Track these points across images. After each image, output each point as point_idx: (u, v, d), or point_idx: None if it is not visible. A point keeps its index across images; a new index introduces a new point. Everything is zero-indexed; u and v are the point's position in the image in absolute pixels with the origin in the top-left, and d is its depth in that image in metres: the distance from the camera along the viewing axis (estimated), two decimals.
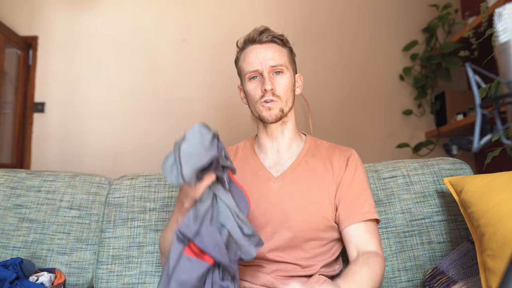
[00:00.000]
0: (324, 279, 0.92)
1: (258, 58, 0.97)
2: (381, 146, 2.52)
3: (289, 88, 0.99)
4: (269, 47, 0.98)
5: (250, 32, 1.00)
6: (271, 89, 0.95)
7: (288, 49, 1.02)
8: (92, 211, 1.23)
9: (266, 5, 2.65)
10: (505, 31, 0.41)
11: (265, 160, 1.03)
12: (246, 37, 1.00)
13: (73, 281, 1.17)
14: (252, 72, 0.97)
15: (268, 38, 0.98)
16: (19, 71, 2.63)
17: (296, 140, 1.05)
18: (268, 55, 0.96)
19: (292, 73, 1.01)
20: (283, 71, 0.97)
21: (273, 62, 0.96)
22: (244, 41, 1.01)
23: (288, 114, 1.01)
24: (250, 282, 0.91)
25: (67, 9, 2.70)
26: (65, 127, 2.60)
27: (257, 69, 0.96)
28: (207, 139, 0.69)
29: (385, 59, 2.59)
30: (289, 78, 0.98)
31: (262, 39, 0.97)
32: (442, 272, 1.00)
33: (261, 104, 0.97)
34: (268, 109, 0.96)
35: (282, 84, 0.97)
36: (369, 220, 0.94)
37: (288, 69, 0.99)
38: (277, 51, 0.98)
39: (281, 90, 0.96)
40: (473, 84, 0.41)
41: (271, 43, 0.98)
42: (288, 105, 0.99)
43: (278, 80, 0.97)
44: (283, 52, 0.99)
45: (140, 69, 2.63)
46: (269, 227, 0.93)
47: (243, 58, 1.00)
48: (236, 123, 2.50)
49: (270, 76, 0.96)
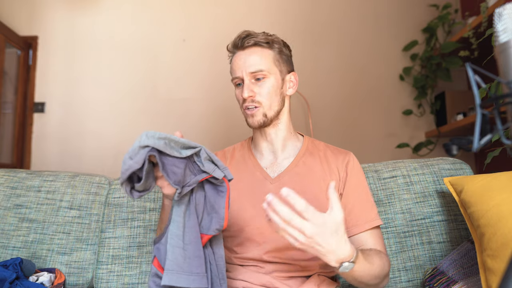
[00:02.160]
0: (324, 279, 0.92)
1: (239, 64, 0.98)
2: (381, 146, 2.52)
3: (272, 92, 0.98)
4: (252, 53, 0.97)
5: (234, 37, 1.00)
6: (249, 96, 0.96)
7: (276, 49, 1.00)
8: (92, 211, 1.23)
9: (266, 5, 2.65)
10: (505, 31, 0.41)
11: (261, 161, 1.03)
12: (231, 42, 1.01)
13: (73, 281, 1.17)
14: (236, 79, 1.00)
15: (250, 43, 0.97)
16: (19, 71, 2.63)
17: (291, 141, 1.05)
18: (249, 61, 0.97)
19: (279, 75, 1.00)
20: (265, 76, 0.97)
21: (252, 68, 0.96)
22: (231, 47, 1.02)
23: (279, 116, 1.01)
24: (249, 282, 0.91)
25: (67, 9, 2.70)
26: (65, 127, 2.60)
27: (238, 76, 0.98)
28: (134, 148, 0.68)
29: (385, 59, 2.59)
30: (272, 82, 0.98)
31: (244, 44, 0.98)
32: (442, 272, 1.00)
33: (244, 111, 1.00)
34: (251, 116, 0.98)
35: (263, 89, 0.97)
36: (376, 227, 0.95)
37: (272, 72, 0.98)
38: (259, 55, 0.97)
39: (262, 96, 0.97)
40: (473, 84, 0.41)
41: (254, 47, 0.98)
42: (273, 109, 0.98)
43: (260, 86, 0.97)
44: (267, 55, 0.98)
45: (140, 69, 2.63)
46: (265, 228, 0.93)
47: (231, 64, 1.02)
48: (235, 123, 2.49)
49: (252, 83, 0.97)
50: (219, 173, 0.73)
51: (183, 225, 0.74)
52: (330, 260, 0.73)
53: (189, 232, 0.73)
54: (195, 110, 2.59)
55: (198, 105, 2.59)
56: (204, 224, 0.76)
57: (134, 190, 0.72)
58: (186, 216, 0.74)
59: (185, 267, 0.70)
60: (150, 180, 0.72)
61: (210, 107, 2.59)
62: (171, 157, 0.69)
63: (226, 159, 1.07)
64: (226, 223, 0.74)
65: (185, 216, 0.74)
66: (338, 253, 0.72)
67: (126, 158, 0.67)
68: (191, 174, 0.73)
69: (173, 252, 0.71)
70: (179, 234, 0.72)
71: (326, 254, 0.72)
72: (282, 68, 1.01)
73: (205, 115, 2.58)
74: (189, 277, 0.69)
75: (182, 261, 0.70)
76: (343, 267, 0.74)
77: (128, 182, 0.70)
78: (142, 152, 0.67)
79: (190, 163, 0.73)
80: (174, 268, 0.69)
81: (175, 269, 0.69)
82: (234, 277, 0.93)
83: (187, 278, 0.69)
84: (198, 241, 0.73)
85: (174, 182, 0.70)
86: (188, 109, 2.59)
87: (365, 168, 1.22)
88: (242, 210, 0.95)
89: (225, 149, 1.12)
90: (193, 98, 2.60)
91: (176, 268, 0.69)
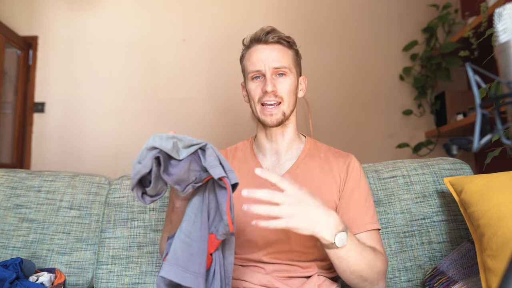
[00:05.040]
0: (324, 279, 0.92)
1: (262, 58, 0.96)
2: (381, 146, 2.52)
3: (292, 90, 0.98)
4: (274, 48, 0.97)
5: (257, 31, 0.99)
6: (272, 91, 0.94)
7: (294, 51, 1.01)
8: (92, 211, 1.23)
9: (266, 5, 2.65)
10: (505, 31, 0.41)
11: (263, 161, 1.02)
12: (252, 35, 1.00)
13: (73, 281, 1.17)
14: (255, 72, 0.97)
15: (274, 39, 0.97)
16: (19, 71, 2.63)
17: (296, 142, 1.04)
18: (272, 56, 0.96)
19: (296, 75, 1.00)
20: (286, 73, 0.97)
21: (277, 64, 0.95)
22: (250, 40, 1.00)
23: (289, 117, 1.00)
24: (249, 282, 0.91)
25: (67, 9, 2.70)
26: (65, 127, 2.60)
27: (260, 70, 0.96)
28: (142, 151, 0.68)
29: (385, 59, 2.59)
30: (292, 80, 0.98)
31: (268, 39, 0.97)
32: (442, 272, 1.00)
33: (261, 107, 0.97)
34: (270, 114, 0.96)
35: (284, 86, 0.96)
36: (372, 230, 0.93)
37: (292, 71, 0.98)
38: (281, 52, 0.97)
39: (283, 92, 0.96)
40: (473, 84, 0.41)
41: (277, 44, 0.98)
42: (290, 108, 0.98)
43: (281, 82, 0.96)
44: (288, 54, 0.98)
45: (140, 69, 2.63)
46: (266, 231, 0.93)
47: (248, 56, 1.00)
48: (236, 123, 2.49)
49: (273, 78, 0.96)
50: (217, 171, 0.69)
51: (193, 221, 0.72)
52: (324, 230, 0.74)
53: (198, 230, 0.72)
54: (195, 110, 2.59)
55: (198, 105, 2.59)
56: (215, 225, 0.74)
57: (145, 195, 0.71)
58: (198, 213, 0.73)
59: (182, 262, 0.68)
60: (161, 183, 0.70)
61: (211, 107, 2.59)
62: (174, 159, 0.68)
63: (228, 158, 1.06)
64: (232, 227, 0.71)
65: (197, 212, 0.73)
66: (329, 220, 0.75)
67: (135, 162, 0.67)
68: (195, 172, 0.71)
69: (176, 245, 0.70)
70: (188, 229, 0.71)
71: (318, 222, 0.74)
72: (297, 69, 1.02)
73: (206, 115, 2.58)
74: (183, 273, 0.68)
75: (181, 255, 0.69)
76: (338, 238, 0.75)
77: (139, 187, 0.69)
78: (150, 155, 0.66)
79: (195, 161, 0.71)
80: (171, 261, 0.68)
81: (172, 262, 0.68)
82: (234, 277, 0.93)
83: (181, 273, 0.68)
84: (204, 240, 0.72)
85: (175, 182, 0.69)
86: (189, 109, 2.59)
87: (365, 168, 1.22)
88: (243, 212, 0.95)
89: (228, 148, 1.11)
90: (194, 98, 2.60)
91: (173, 261, 0.68)
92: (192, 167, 0.70)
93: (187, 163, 0.69)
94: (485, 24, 1.78)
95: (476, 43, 1.94)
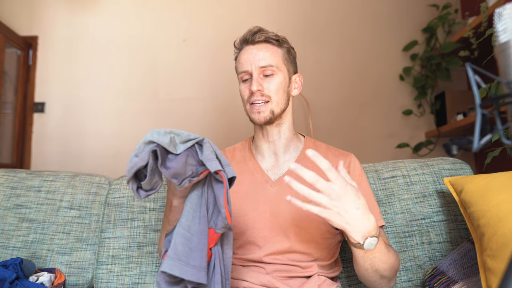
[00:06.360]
0: (324, 279, 0.92)
1: (249, 58, 0.96)
2: (381, 146, 2.52)
3: (281, 88, 0.97)
4: (262, 48, 0.97)
5: (245, 32, 1.00)
6: (258, 90, 0.94)
7: (285, 49, 1.00)
8: (92, 211, 1.23)
9: (266, 5, 2.65)
10: (505, 31, 0.41)
11: (262, 162, 1.02)
12: (241, 37, 1.00)
13: (73, 281, 1.17)
14: (243, 72, 0.98)
15: (261, 39, 0.97)
16: (19, 71, 2.63)
17: (293, 142, 1.04)
18: (259, 55, 0.96)
19: (287, 73, 1.00)
20: (274, 72, 0.96)
21: (263, 63, 0.95)
22: (240, 42, 1.01)
23: (282, 116, 0.99)
24: (250, 282, 0.91)
25: (67, 9, 2.70)
26: (65, 127, 2.60)
27: (247, 70, 0.96)
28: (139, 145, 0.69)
29: (385, 59, 2.59)
30: (281, 79, 0.97)
31: (255, 39, 0.97)
32: (442, 272, 1.00)
33: (250, 106, 0.97)
34: (258, 112, 0.96)
35: (272, 85, 0.96)
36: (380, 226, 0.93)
37: (281, 69, 0.98)
38: (269, 51, 0.97)
39: (271, 91, 0.95)
40: (473, 84, 0.41)
41: (265, 43, 0.98)
42: (280, 106, 0.97)
43: (268, 81, 0.96)
44: (276, 53, 0.98)
45: (140, 69, 2.63)
46: (266, 232, 0.93)
47: (238, 59, 1.01)
48: (236, 123, 2.50)
49: (260, 78, 0.96)
50: (214, 165, 0.70)
51: (192, 216, 0.73)
52: (356, 232, 0.74)
53: (197, 224, 0.72)
54: (195, 110, 2.59)
55: (198, 105, 2.59)
56: (213, 219, 0.74)
57: (140, 189, 0.71)
58: (197, 208, 0.74)
59: (182, 256, 0.69)
60: (156, 178, 0.71)
61: (210, 107, 2.59)
62: (171, 153, 0.69)
63: (227, 159, 1.06)
64: (230, 220, 0.72)
65: (195, 207, 0.74)
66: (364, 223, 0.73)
67: (132, 156, 0.68)
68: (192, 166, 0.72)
69: (176, 240, 0.70)
70: (188, 224, 0.72)
71: (351, 222, 0.73)
72: (289, 68, 1.01)
73: (206, 114, 2.59)
74: (185, 267, 0.68)
75: (182, 249, 0.69)
76: (367, 242, 0.75)
77: (135, 181, 0.70)
78: (147, 149, 0.67)
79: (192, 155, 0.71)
80: (172, 256, 0.69)
81: (173, 256, 0.69)
82: (234, 277, 0.93)
83: (182, 267, 0.68)
84: (204, 234, 0.72)
85: (172, 176, 0.70)
86: (189, 109, 2.59)
87: (365, 168, 1.22)
88: (243, 213, 0.95)
89: (226, 149, 1.11)
90: (194, 98, 2.60)
91: (174, 256, 0.69)
92: (189, 161, 0.71)
93: (184, 157, 0.70)
94: (485, 24, 1.78)
95: (476, 43, 1.94)
